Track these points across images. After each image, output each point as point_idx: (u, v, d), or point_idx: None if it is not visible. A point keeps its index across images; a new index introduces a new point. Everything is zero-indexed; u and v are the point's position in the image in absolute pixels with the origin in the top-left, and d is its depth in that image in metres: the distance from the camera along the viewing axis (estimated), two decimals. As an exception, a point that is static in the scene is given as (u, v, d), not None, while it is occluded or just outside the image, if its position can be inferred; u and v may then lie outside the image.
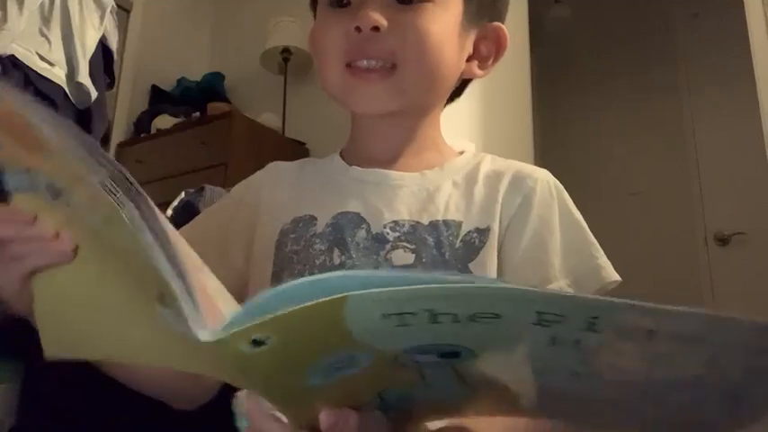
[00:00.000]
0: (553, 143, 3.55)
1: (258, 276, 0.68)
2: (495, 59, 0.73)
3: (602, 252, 0.67)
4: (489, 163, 0.72)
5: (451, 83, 0.72)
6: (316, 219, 0.67)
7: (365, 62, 0.64)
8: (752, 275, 3.04)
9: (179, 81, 3.29)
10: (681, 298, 3.05)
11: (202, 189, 1.52)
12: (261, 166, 0.79)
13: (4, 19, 1.42)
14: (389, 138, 0.71)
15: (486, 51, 0.73)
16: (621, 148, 3.65)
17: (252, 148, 2.68)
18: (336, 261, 0.64)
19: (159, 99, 3.21)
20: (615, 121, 3.72)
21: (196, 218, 0.77)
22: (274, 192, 0.73)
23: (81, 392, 0.70)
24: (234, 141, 2.67)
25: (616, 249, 0.71)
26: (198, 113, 2.95)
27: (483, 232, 0.65)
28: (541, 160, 2.74)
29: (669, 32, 3.66)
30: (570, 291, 0.63)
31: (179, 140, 2.85)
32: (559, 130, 3.70)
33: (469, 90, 0.79)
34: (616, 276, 0.66)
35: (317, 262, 0.64)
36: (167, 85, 3.29)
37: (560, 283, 0.64)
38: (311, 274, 0.63)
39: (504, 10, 0.75)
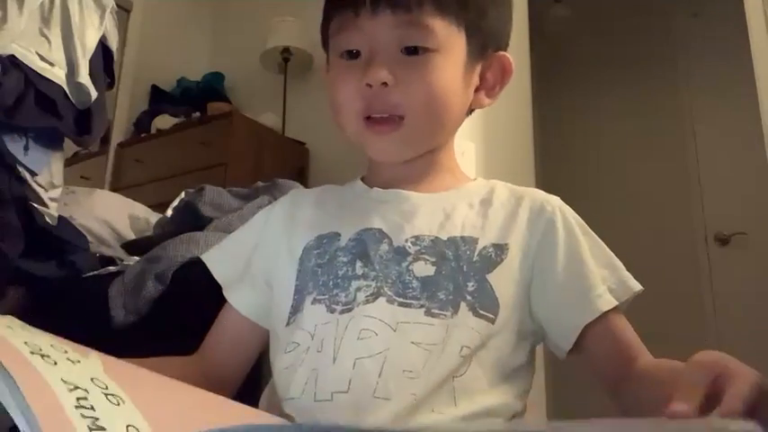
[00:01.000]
0: (553, 143, 3.54)
1: (281, 292, 0.72)
2: (502, 86, 0.77)
3: (622, 265, 0.70)
4: (503, 188, 0.76)
5: (460, 118, 0.75)
6: (339, 235, 0.71)
7: (378, 115, 0.69)
8: (752, 275, 3.04)
9: (179, 81, 3.29)
10: (681, 298, 3.03)
11: (202, 189, 1.52)
12: (261, 166, 0.81)
13: (4, 19, 1.41)
14: (407, 165, 0.75)
15: (493, 80, 0.76)
16: (621, 147, 3.65)
17: (252, 148, 2.68)
18: (359, 272, 0.67)
19: (159, 99, 3.21)
20: (615, 121, 3.72)
21: (221, 243, 0.83)
22: (297, 213, 0.78)
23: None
24: (234, 141, 2.67)
25: (616, 249, 0.72)
26: (198, 113, 2.96)
27: (500, 248, 0.68)
28: (541, 160, 2.73)
29: (669, 32, 3.65)
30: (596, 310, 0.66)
31: (179, 140, 2.85)
32: (559, 129, 3.70)
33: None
34: (639, 287, 0.69)
35: (340, 273, 0.68)
36: (167, 85, 3.29)
37: (601, 289, 0.67)
38: (335, 284, 0.67)
39: (506, 35, 0.78)
